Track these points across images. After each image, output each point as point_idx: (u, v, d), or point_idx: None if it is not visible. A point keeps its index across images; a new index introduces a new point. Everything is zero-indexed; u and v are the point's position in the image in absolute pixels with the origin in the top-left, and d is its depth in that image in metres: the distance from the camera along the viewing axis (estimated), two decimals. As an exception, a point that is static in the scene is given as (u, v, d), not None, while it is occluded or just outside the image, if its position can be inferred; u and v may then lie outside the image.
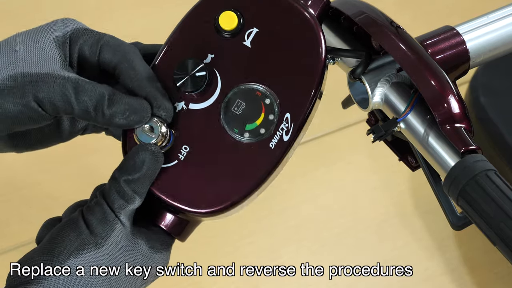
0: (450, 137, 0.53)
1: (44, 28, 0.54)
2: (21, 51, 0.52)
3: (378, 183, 1.37)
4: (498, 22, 0.60)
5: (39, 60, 0.52)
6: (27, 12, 1.67)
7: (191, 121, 0.55)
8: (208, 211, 0.54)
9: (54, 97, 0.51)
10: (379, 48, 0.58)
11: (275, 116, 0.55)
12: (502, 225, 0.48)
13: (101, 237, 0.51)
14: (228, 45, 0.56)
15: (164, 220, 0.55)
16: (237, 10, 0.56)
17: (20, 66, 0.52)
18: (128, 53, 0.54)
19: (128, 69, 0.54)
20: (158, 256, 0.54)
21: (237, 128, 0.55)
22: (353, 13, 0.57)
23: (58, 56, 0.53)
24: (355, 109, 0.63)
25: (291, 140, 0.54)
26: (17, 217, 1.30)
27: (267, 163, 0.54)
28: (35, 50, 0.53)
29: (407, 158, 0.63)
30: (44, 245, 0.52)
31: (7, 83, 0.51)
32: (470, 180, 0.49)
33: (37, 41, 0.53)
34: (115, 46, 0.54)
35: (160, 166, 0.54)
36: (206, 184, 0.55)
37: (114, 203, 0.52)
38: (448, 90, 0.54)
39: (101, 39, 0.55)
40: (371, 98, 0.58)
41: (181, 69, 0.54)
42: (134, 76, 0.54)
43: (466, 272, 1.25)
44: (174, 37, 0.57)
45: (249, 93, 0.55)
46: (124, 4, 1.63)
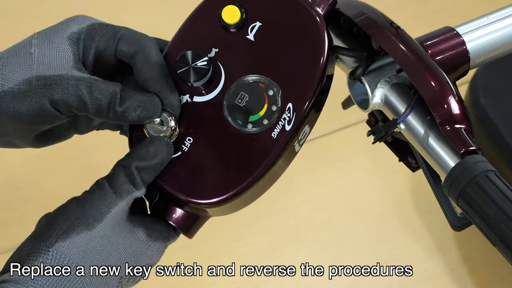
0: (450, 138, 0.53)
1: (58, 27, 0.55)
2: (35, 53, 0.53)
3: (378, 183, 1.37)
4: (498, 23, 0.60)
5: (52, 61, 0.53)
6: (27, 12, 1.67)
7: (195, 114, 0.56)
8: (212, 202, 0.55)
9: (68, 98, 0.52)
10: (379, 49, 0.58)
11: (277, 107, 0.55)
12: (502, 226, 0.48)
13: (93, 218, 0.52)
14: (232, 39, 0.56)
15: (172, 215, 0.56)
16: (241, 4, 0.56)
17: (35, 70, 0.53)
18: (144, 44, 0.55)
19: (143, 62, 0.54)
20: (154, 244, 0.54)
21: (241, 120, 0.55)
22: (353, 14, 0.57)
23: (71, 55, 0.54)
24: (355, 109, 0.63)
25: (293, 129, 0.55)
26: (17, 217, 1.30)
27: (270, 152, 0.55)
28: (49, 51, 0.53)
29: (407, 159, 0.63)
30: (33, 232, 0.52)
31: (22, 88, 0.52)
32: (470, 181, 0.49)
33: (51, 41, 0.54)
34: (132, 38, 0.55)
35: (170, 157, 0.54)
36: (209, 175, 0.55)
37: (122, 186, 0.52)
38: (448, 91, 0.54)
39: (117, 32, 0.55)
40: (371, 99, 0.58)
41: (182, 60, 0.55)
42: (147, 70, 0.54)
43: (466, 272, 1.25)
44: (181, 33, 0.58)
45: (252, 85, 0.56)
46: (123, 5, 1.63)
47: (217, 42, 0.57)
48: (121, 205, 0.52)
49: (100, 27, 0.55)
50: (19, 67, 0.53)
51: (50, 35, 0.54)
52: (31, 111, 0.52)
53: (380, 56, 0.59)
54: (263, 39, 0.56)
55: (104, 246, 0.51)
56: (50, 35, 0.54)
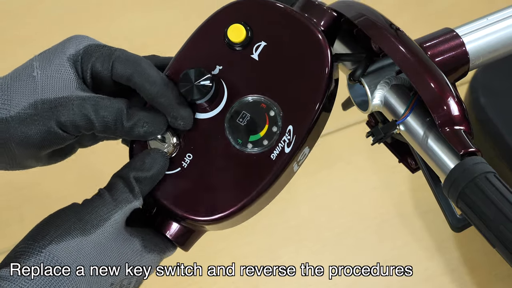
0: (450, 139, 0.53)
1: (58, 49, 0.55)
2: (38, 76, 0.54)
3: (378, 183, 1.37)
4: (498, 24, 0.60)
5: (56, 83, 0.54)
6: (27, 12, 1.67)
7: (196, 131, 0.56)
8: (209, 219, 0.55)
9: (75, 119, 0.53)
10: (378, 50, 0.58)
11: (278, 128, 0.55)
12: (502, 228, 0.48)
13: (90, 224, 0.52)
14: (237, 58, 0.57)
15: (169, 229, 0.56)
16: (247, 23, 0.56)
17: (40, 93, 0.53)
18: (139, 65, 0.55)
19: (143, 81, 0.54)
20: (149, 256, 0.54)
21: (241, 139, 0.55)
22: (353, 15, 0.57)
23: (73, 75, 0.54)
24: (355, 109, 0.63)
25: (292, 152, 0.55)
26: (17, 217, 1.30)
27: (268, 173, 0.55)
28: (51, 73, 0.54)
29: (406, 160, 0.63)
30: (30, 231, 0.52)
31: (28, 112, 0.53)
32: (470, 182, 0.49)
33: (52, 63, 0.54)
34: (126, 60, 0.55)
35: (166, 169, 0.55)
36: (207, 192, 0.55)
37: (121, 195, 0.53)
38: (448, 93, 0.54)
39: (112, 54, 0.55)
40: (371, 100, 0.58)
41: (186, 79, 0.55)
42: (148, 88, 0.54)
43: (466, 272, 1.25)
44: (185, 49, 0.58)
45: (254, 105, 0.56)
46: (123, 5, 1.63)
47: (222, 59, 0.57)
48: (119, 214, 0.53)
49: (96, 48, 0.55)
50: (23, 91, 0.53)
51: (51, 57, 0.54)
52: (39, 134, 0.53)
53: (379, 58, 0.59)
54: (267, 59, 0.56)
55: (98, 253, 0.52)
56: (50, 57, 0.54)
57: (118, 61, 0.55)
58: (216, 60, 0.57)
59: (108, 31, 1.58)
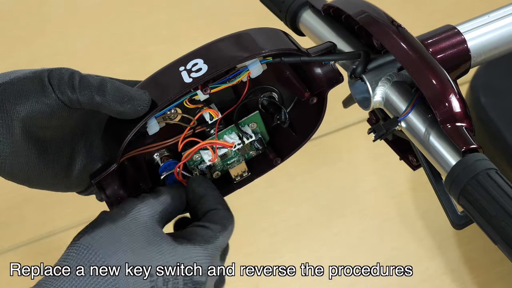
0: (451, 136, 0.53)
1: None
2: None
3: (378, 183, 1.37)
4: (499, 21, 0.60)
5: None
6: (27, 12, 1.67)
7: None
8: None
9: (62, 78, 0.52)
10: (380, 47, 0.58)
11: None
12: (503, 224, 0.48)
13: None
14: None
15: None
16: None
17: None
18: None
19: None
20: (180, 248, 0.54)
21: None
22: (355, 12, 0.57)
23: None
24: (355, 109, 0.63)
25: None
26: (17, 217, 1.30)
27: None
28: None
29: (408, 157, 0.63)
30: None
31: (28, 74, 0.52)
32: (471, 179, 0.49)
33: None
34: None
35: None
36: None
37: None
38: (449, 89, 0.54)
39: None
40: (372, 97, 0.58)
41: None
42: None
43: (467, 272, 1.25)
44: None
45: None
46: (123, 5, 1.63)
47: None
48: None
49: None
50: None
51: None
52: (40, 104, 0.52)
53: (381, 54, 0.59)
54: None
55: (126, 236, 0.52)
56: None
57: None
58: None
59: (108, 31, 1.59)
